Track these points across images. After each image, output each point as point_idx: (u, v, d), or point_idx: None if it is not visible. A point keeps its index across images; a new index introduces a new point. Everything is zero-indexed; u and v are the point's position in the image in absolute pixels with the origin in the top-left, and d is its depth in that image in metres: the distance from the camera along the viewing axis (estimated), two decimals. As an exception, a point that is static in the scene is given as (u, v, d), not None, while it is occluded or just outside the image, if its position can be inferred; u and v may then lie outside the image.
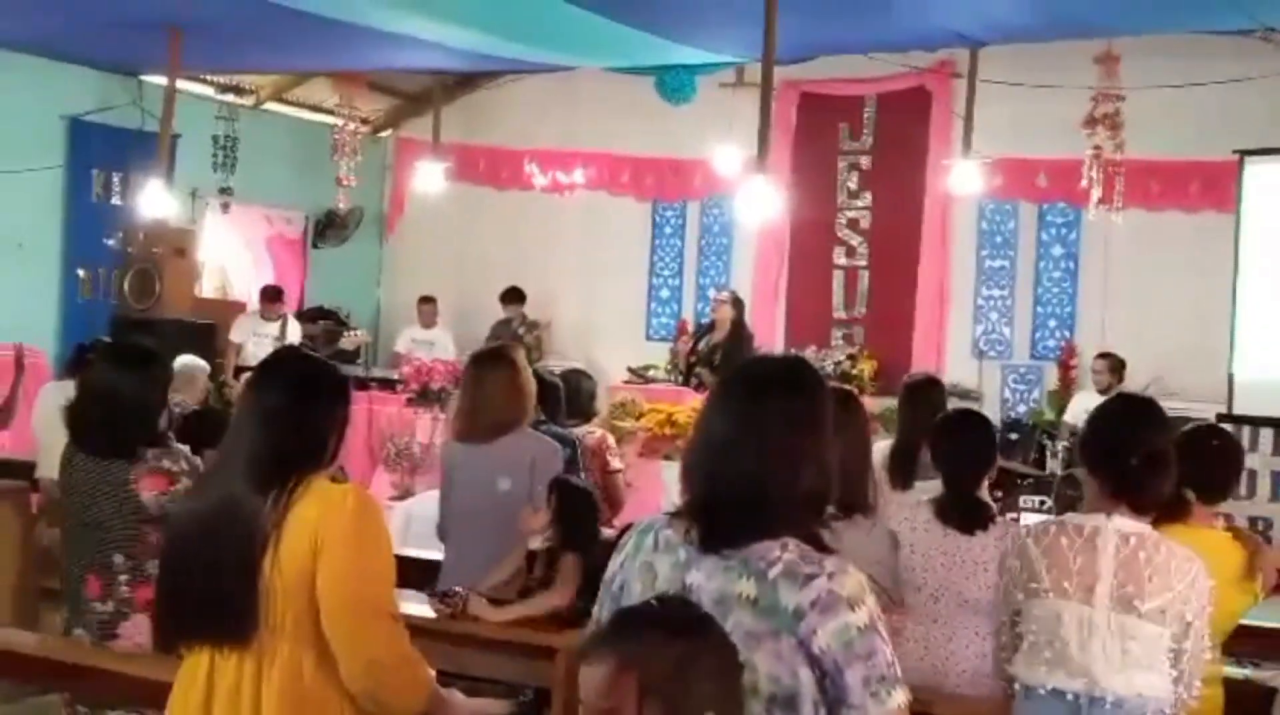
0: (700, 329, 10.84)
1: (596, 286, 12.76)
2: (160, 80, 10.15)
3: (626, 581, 2.31)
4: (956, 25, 8.59)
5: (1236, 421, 9.49)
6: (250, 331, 10.69)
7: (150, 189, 9.59)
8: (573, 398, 6.07)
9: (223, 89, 12.06)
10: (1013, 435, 10.63)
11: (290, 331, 11.02)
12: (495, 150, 13.16)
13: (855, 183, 11.91)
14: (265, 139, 12.14)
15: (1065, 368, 10.98)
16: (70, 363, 7.13)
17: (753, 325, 11.68)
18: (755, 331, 11.56)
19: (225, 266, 12.41)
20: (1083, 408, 9.77)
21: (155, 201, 9.61)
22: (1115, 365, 9.88)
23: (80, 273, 10.88)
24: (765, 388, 2.30)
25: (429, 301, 12.35)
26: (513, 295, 12.04)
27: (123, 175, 10.97)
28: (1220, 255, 9.86)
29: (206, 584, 2.70)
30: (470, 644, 4.11)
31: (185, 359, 7.57)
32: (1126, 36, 9.31)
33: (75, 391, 3.99)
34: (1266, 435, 9.55)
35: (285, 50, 10.15)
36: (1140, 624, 3.11)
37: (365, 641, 2.69)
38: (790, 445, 2.23)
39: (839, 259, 11.98)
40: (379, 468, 8.99)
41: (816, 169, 11.77)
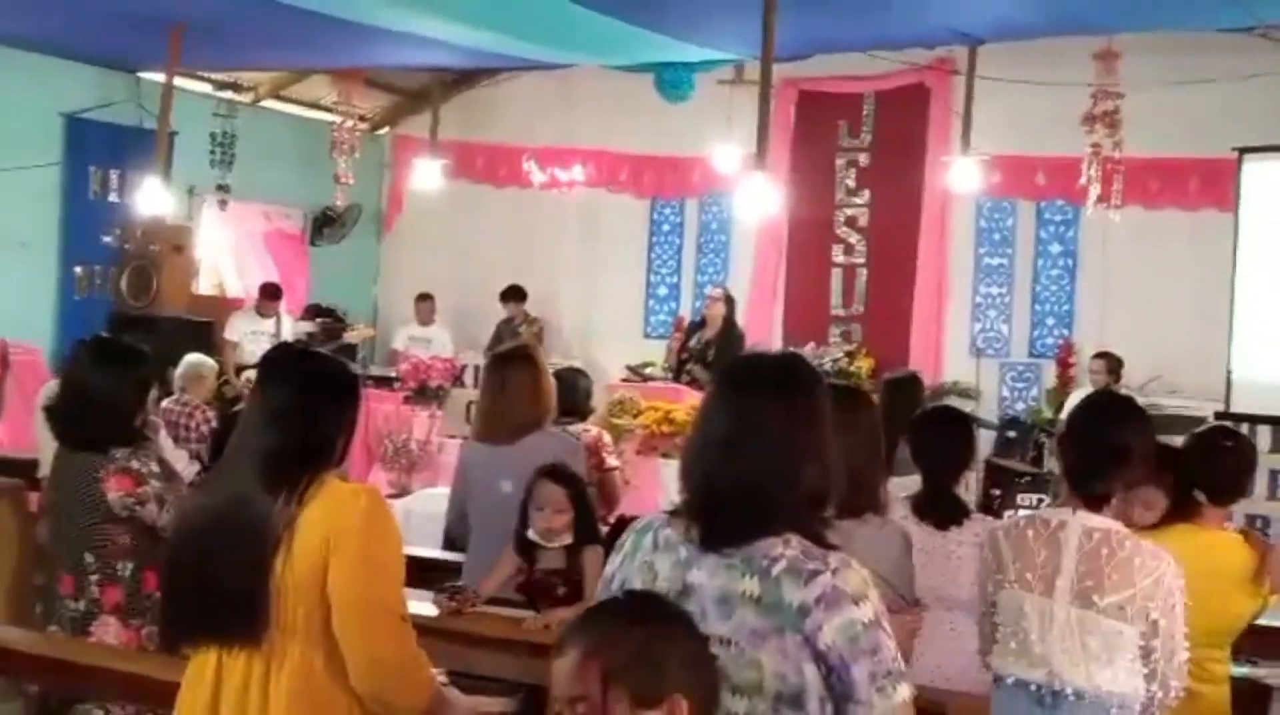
0: (692, 326, 10.84)
1: (595, 284, 12.76)
2: (158, 77, 10.14)
3: (626, 580, 2.31)
4: (955, 22, 8.58)
5: (1235, 419, 9.49)
6: (246, 329, 10.69)
7: (148, 186, 9.57)
8: (569, 396, 6.06)
9: (220, 86, 12.04)
10: (1010, 433, 10.63)
11: (285, 329, 11.00)
12: (493, 147, 13.15)
13: (854, 180, 11.91)
14: (263, 136, 12.12)
15: (1063, 366, 10.98)
16: (68, 361, 7.11)
17: (750, 323, 11.72)
18: (753, 329, 11.60)
19: (223, 264, 12.40)
20: (1081, 406, 9.78)
21: (153, 198, 9.59)
22: (1113, 364, 9.87)
23: (78, 270, 10.86)
24: (763, 385, 2.30)
25: (426, 299, 12.34)
26: (513, 293, 12.02)
27: (120, 172, 10.96)
28: (1219, 253, 9.86)
29: (216, 583, 2.68)
30: (467, 641, 4.10)
31: (193, 358, 7.58)
32: (1125, 34, 9.31)
33: (61, 387, 3.99)
34: (1264, 433, 9.57)
35: (283, 47, 10.14)
36: (1098, 619, 3.12)
37: (375, 641, 2.68)
38: (789, 442, 2.23)
39: (837, 256, 11.97)
40: (376, 465, 8.97)
41: (815, 166, 11.77)
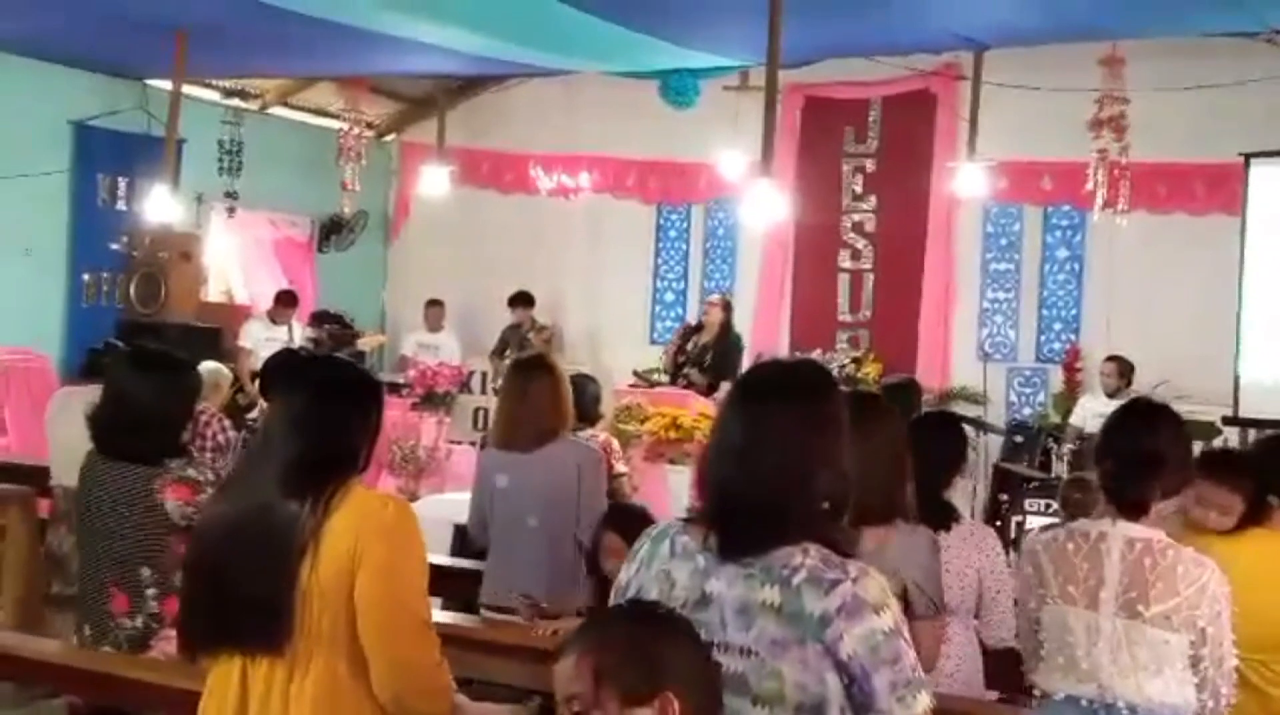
0: (688, 330, 10.84)
1: (601, 290, 12.77)
2: (166, 85, 10.15)
3: (642, 589, 2.29)
4: (961, 28, 8.59)
5: (1242, 424, 9.49)
6: (261, 336, 10.69)
7: (156, 193, 9.59)
8: (578, 402, 6.06)
9: (228, 93, 12.08)
10: (1018, 438, 10.63)
11: (298, 336, 11.03)
12: (500, 154, 13.18)
13: (860, 186, 11.91)
14: (270, 143, 12.15)
15: (1070, 371, 10.97)
16: (84, 367, 7.12)
17: (757, 328, 11.74)
18: (760, 334, 11.63)
19: (231, 271, 12.43)
20: (1089, 411, 9.78)
21: (161, 206, 9.61)
22: (1124, 368, 9.87)
23: (86, 277, 10.89)
24: (780, 392, 2.30)
25: (436, 304, 12.37)
26: (521, 299, 12.03)
27: (128, 180, 10.98)
28: (1226, 257, 9.84)
29: (241, 592, 2.67)
30: (478, 648, 4.11)
31: (209, 365, 7.55)
32: (1131, 39, 9.31)
33: (101, 396, 3.93)
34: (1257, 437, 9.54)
35: (290, 54, 10.17)
36: (1145, 629, 3.10)
37: (401, 649, 2.69)
38: (807, 449, 2.22)
39: (844, 262, 11.97)
40: (383, 472, 8.99)
41: (821, 172, 11.77)
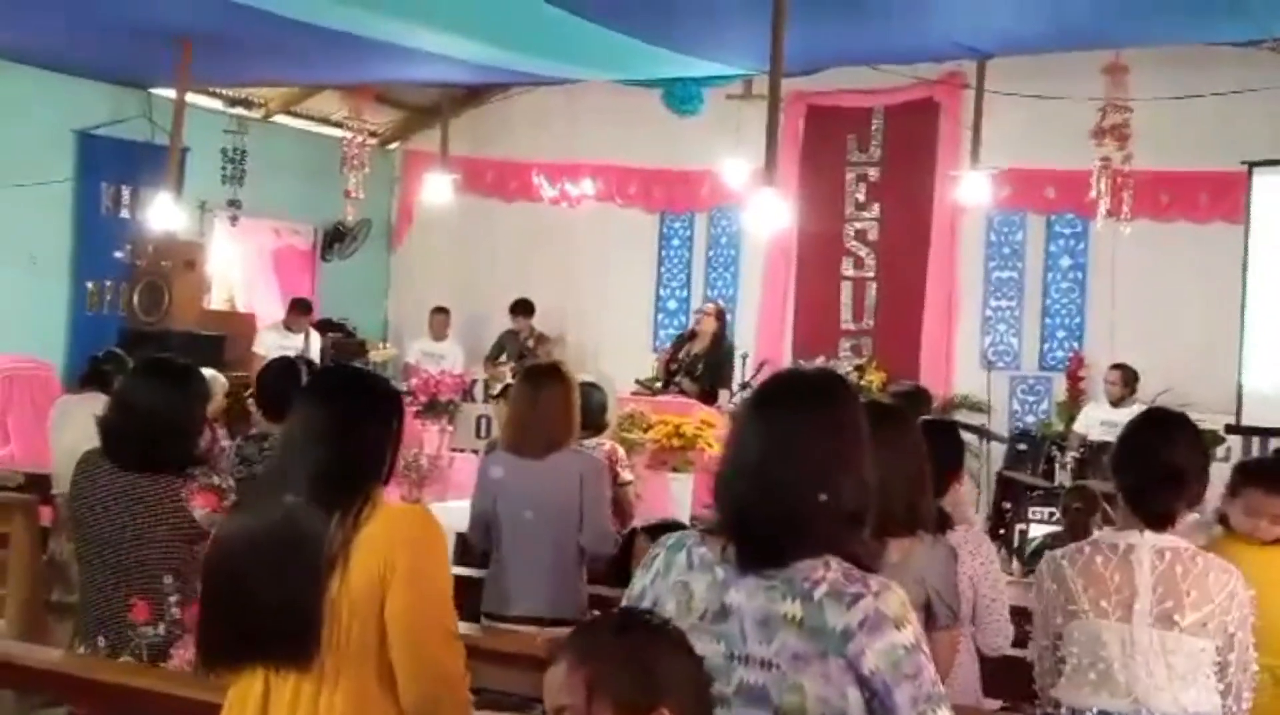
0: (680, 338, 10.82)
1: (604, 298, 12.77)
2: (170, 93, 10.19)
3: (659, 600, 2.27)
4: (964, 37, 8.59)
5: (1245, 432, 9.48)
6: (276, 344, 10.70)
7: (159, 202, 9.62)
8: (584, 410, 6.08)
9: (232, 102, 12.11)
10: (1021, 446, 10.61)
11: (312, 344, 11.04)
12: (503, 162, 13.18)
13: (863, 194, 11.91)
14: (274, 152, 12.17)
15: (1074, 379, 10.95)
16: (86, 375, 7.12)
17: (760, 336, 11.73)
18: (764, 342, 11.63)
19: (234, 279, 12.45)
20: (1093, 419, 9.77)
21: (164, 214, 9.63)
22: (1128, 377, 9.85)
23: (89, 285, 10.90)
24: (799, 402, 2.28)
25: (441, 312, 12.38)
26: (522, 307, 12.06)
27: (132, 188, 11.00)
28: (1229, 266, 9.84)
29: (268, 604, 2.63)
30: (480, 657, 4.10)
31: (208, 373, 7.56)
32: (1134, 47, 9.31)
33: (111, 404, 3.93)
34: (1276, 446, 9.53)
35: (294, 63, 10.19)
36: (1181, 639, 3.09)
37: (433, 663, 2.68)
38: (827, 460, 2.20)
39: (847, 270, 11.97)
40: (387, 480, 8.99)
41: (824, 180, 11.76)
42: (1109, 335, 10.78)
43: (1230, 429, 9.52)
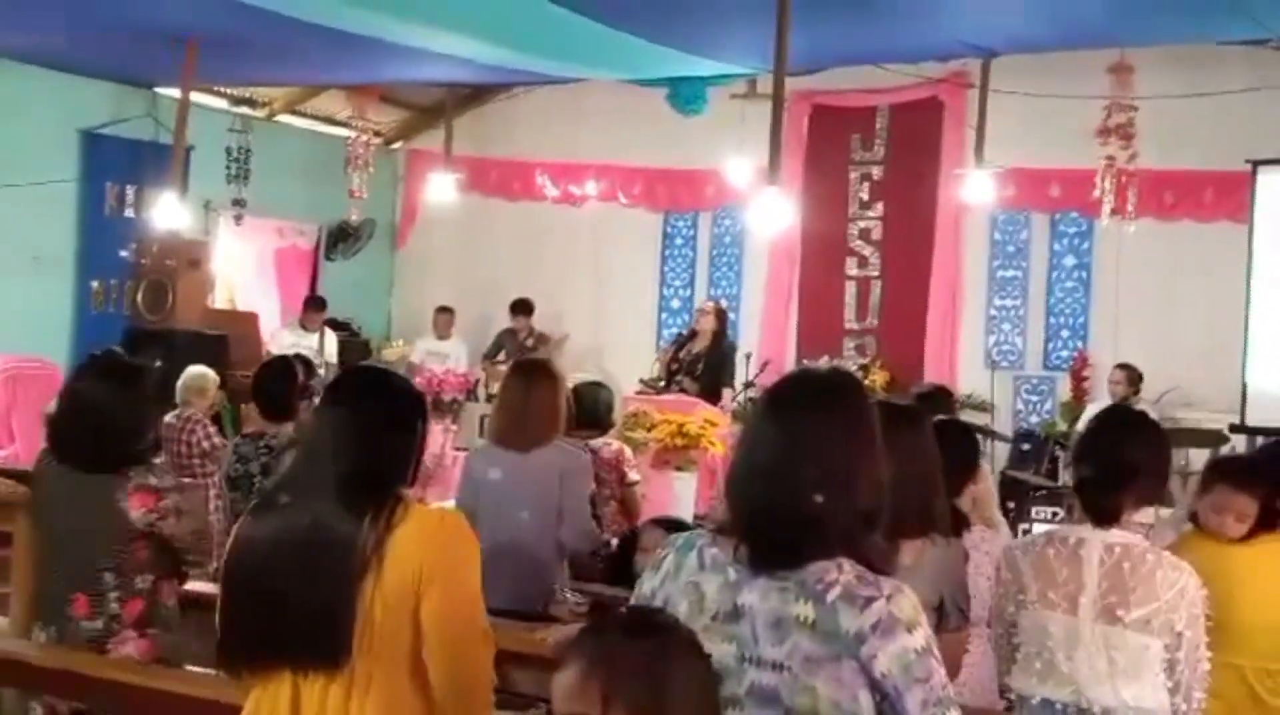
0: (680, 337, 10.82)
1: (608, 297, 12.78)
2: (174, 93, 10.19)
3: (669, 600, 2.26)
4: (969, 35, 8.58)
5: (1250, 431, 9.47)
6: (291, 343, 10.71)
7: (164, 201, 9.60)
8: (591, 409, 6.10)
9: (236, 101, 12.11)
10: (1025, 446, 10.61)
11: (328, 343, 11.03)
12: (507, 162, 13.19)
13: (867, 193, 11.91)
14: (278, 151, 12.18)
15: (1078, 378, 10.95)
16: None
17: (764, 336, 11.73)
18: (768, 342, 11.63)
19: (238, 278, 12.45)
20: (1096, 419, 9.75)
21: (169, 213, 9.62)
22: (1133, 377, 9.86)
23: (94, 284, 10.90)
24: (811, 403, 2.27)
25: (445, 311, 12.39)
26: (521, 306, 12.08)
27: (136, 188, 11.00)
28: (1233, 265, 9.84)
29: (297, 608, 2.60)
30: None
31: (195, 369, 7.54)
32: (1139, 46, 9.31)
33: (58, 402, 3.94)
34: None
35: (298, 63, 10.19)
36: (1125, 634, 3.12)
37: (468, 661, 2.68)
38: (839, 461, 2.20)
39: (851, 269, 11.97)
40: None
41: (828, 179, 11.77)
42: (1113, 334, 10.77)
43: (1235, 428, 9.52)
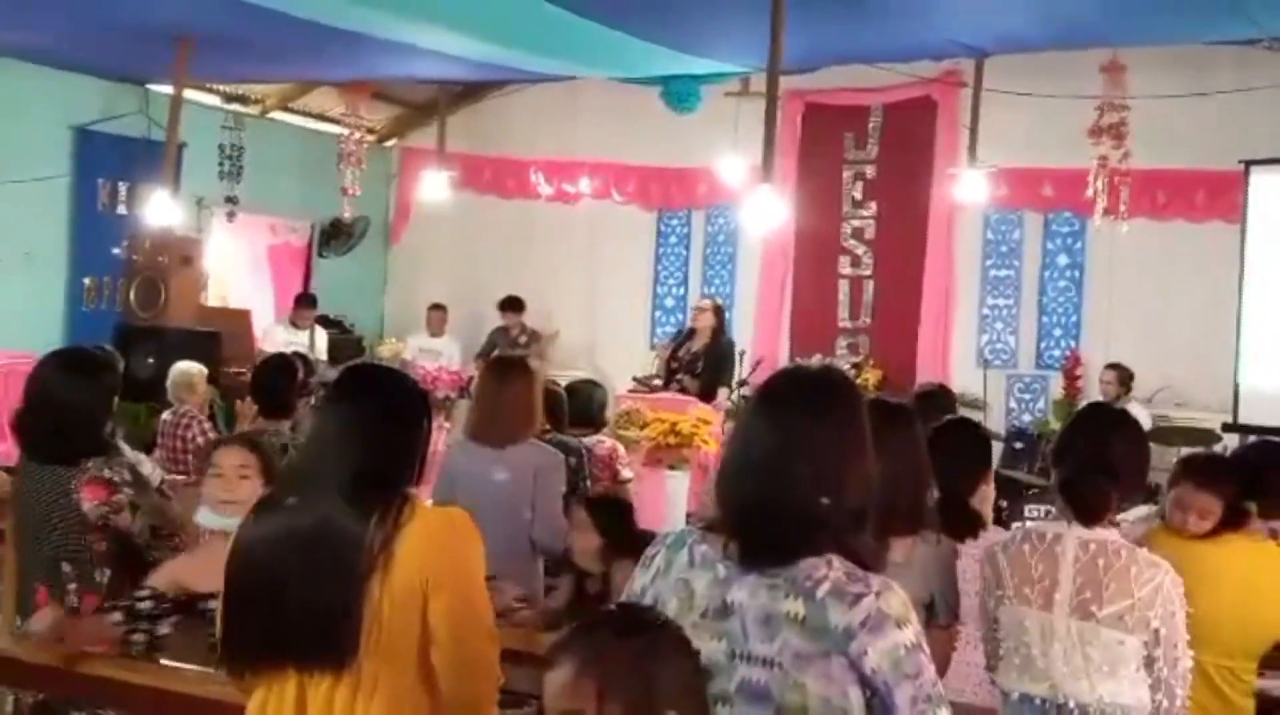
0: (680, 335, 10.82)
1: (601, 295, 12.77)
2: (167, 90, 10.17)
3: (659, 597, 2.27)
4: (962, 35, 8.59)
5: (1242, 431, 9.49)
6: (284, 340, 10.70)
7: (156, 198, 9.59)
8: (585, 407, 6.11)
9: (229, 98, 12.09)
10: (1017, 445, 10.62)
11: (318, 340, 11.02)
12: (500, 159, 13.18)
13: (860, 192, 11.92)
14: (271, 148, 12.16)
15: (1070, 377, 10.96)
16: None
17: (757, 334, 11.72)
18: (761, 340, 11.62)
19: (231, 275, 12.43)
20: (1088, 417, 9.77)
21: (161, 210, 9.61)
22: (1124, 376, 9.89)
23: (86, 281, 10.88)
24: (803, 401, 2.27)
25: (439, 309, 12.38)
26: (511, 303, 12.08)
27: (129, 184, 10.98)
28: (1226, 265, 9.86)
29: (303, 608, 2.58)
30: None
31: (181, 366, 7.52)
32: (1132, 46, 9.32)
33: (24, 399, 3.96)
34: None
35: (292, 60, 10.18)
36: (1099, 630, 3.14)
37: (476, 661, 2.68)
38: (830, 458, 2.20)
39: (844, 268, 11.97)
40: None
41: (821, 178, 11.77)
42: (1105, 334, 10.79)
43: (1227, 427, 9.54)
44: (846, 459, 2.21)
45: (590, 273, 12.80)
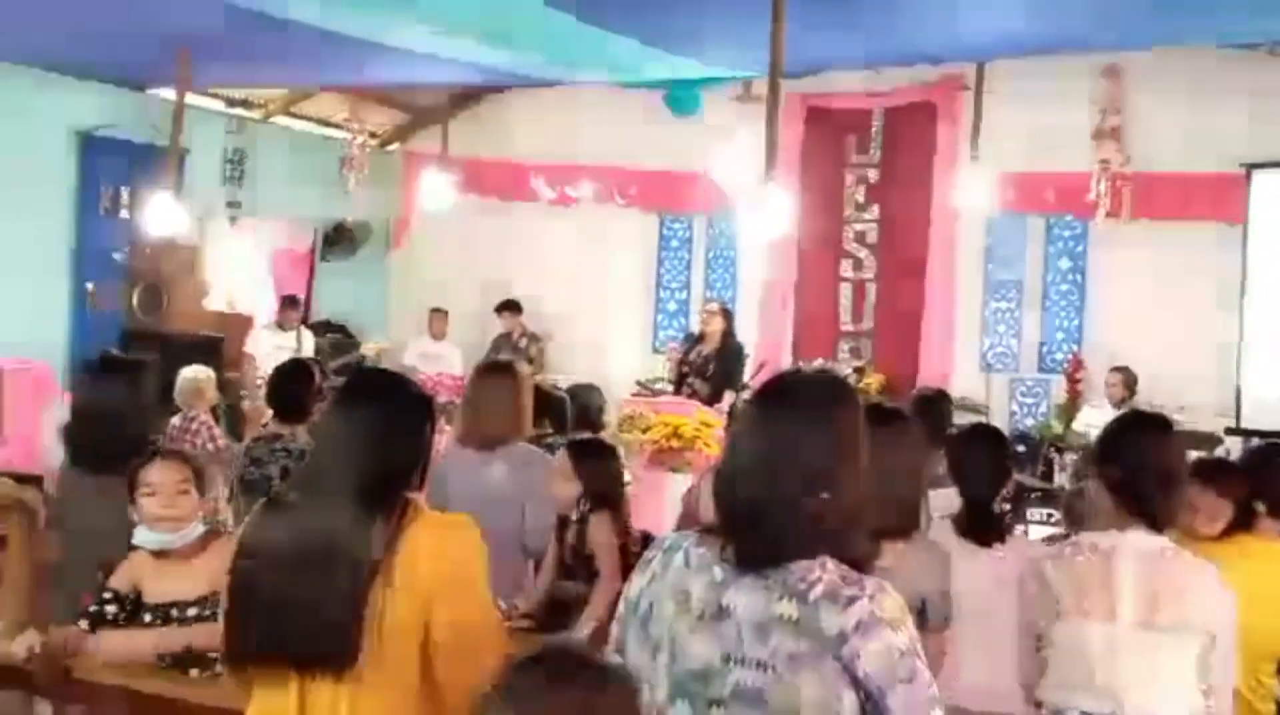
0: (690, 340, 10.83)
1: (604, 299, 12.79)
2: (170, 95, 10.18)
3: (656, 601, 2.27)
4: (963, 39, 8.59)
5: (1245, 435, 9.49)
6: (270, 343, 10.71)
7: (159, 203, 9.60)
8: (583, 411, 6.13)
9: (232, 103, 12.10)
10: (1020, 448, 10.60)
11: (305, 342, 11.03)
12: (503, 163, 13.19)
13: (862, 196, 11.92)
14: (274, 153, 12.18)
15: (1073, 381, 10.96)
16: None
17: (760, 338, 11.72)
18: (763, 344, 11.61)
19: (234, 280, 12.45)
20: (1091, 421, 9.77)
21: (164, 216, 9.60)
22: (1129, 379, 9.88)
23: (90, 286, 10.90)
24: (798, 404, 2.28)
25: (440, 313, 12.39)
26: (508, 306, 12.09)
27: (132, 189, 10.98)
28: (1228, 268, 9.86)
29: (306, 610, 2.57)
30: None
31: (189, 371, 7.53)
32: (1133, 50, 9.32)
33: (71, 409, 3.97)
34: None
35: (294, 65, 10.18)
36: (1163, 638, 3.09)
37: (481, 671, 2.59)
38: (825, 462, 2.21)
39: (846, 272, 11.98)
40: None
41: (823, 182, 11.77)
42: (1108, 337, 10.79)
43: (1230, 431, 9.53)
44: (840, 462, 2.22)
45: (592, 277, 12.80)
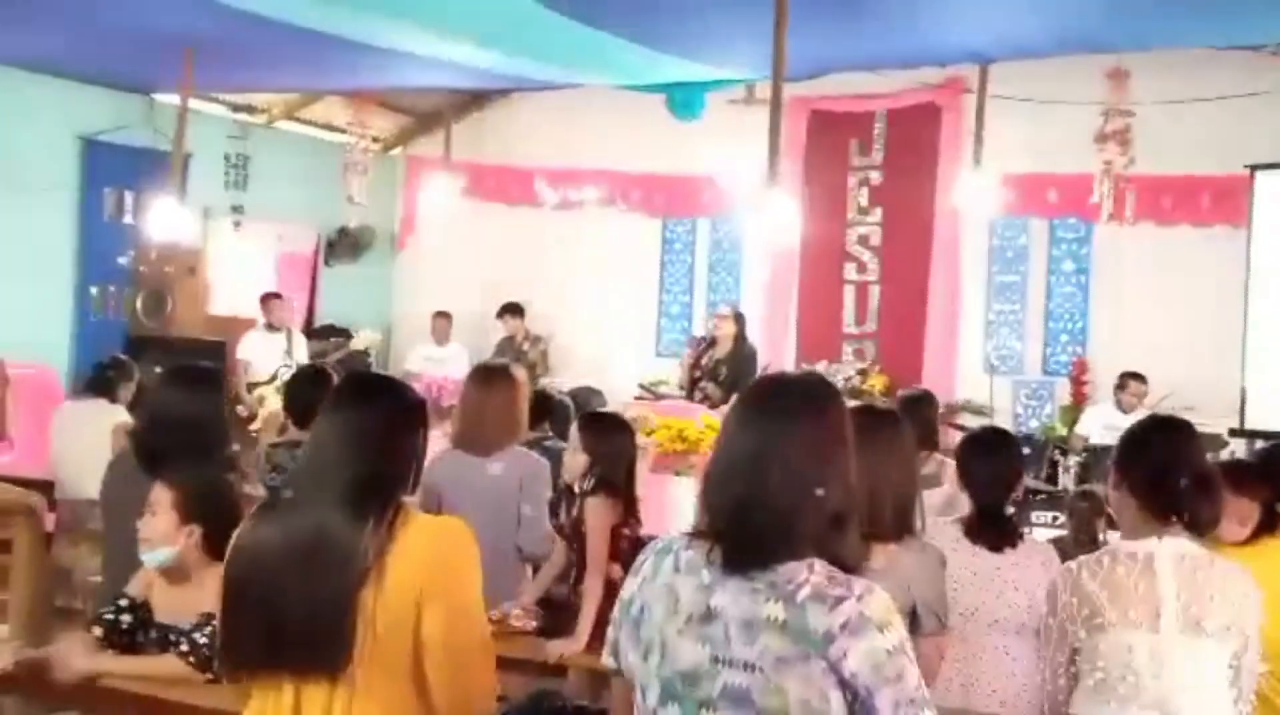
0: (701, 343, 10.82)
1: (607, 303, 12.79)
2: (173, 99, 10.20)
3: (647, 605, 2.29)
4: (966, 41, 8.59)
5: (1249, 436, 9.47)
6: (261, 346, 10.71)
7: (163, 207, 9.62)
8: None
9: (235, 108, 12.13)
10: (1025, 451, 10.57)
11: (296, 343, 11.04)
12: (505, 167, 13.20)
13: (865, 198, 11.92)
14: (277, 157, 12.19)
15: (1077, 383, 10.95)
16: (90, 381, 7.14)
17: (763, 341, 11.70)
18: (767, 347, 11.58)
19: (237, 284, 12.46)
20: (1097, 423, 9.77)
21: (167, 220, 9.62)
22: (1139, 381, 9.85)
23: (93, 291, 10.91)
24: (785, 406, 2.29)
25: (444, 317, 12.39)
26: (510, 309, 12.08)
27: (135, 194, 11.00)
28: (1232, 269, 9.84)
29: (300, 614, 2.56)
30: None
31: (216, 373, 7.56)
32: (1136, 51, 9.32)
33: (142, 418, 3.98)
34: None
35: (297, 70, 10.19)
36: (1207, 644, 3.06)
37: (471, 676, 2.66)
38: (812, 463, 2.21)
39: (850, 274, 11.98)
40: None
41: (827, 185, 11.77)
42: (1112, 339, 10.78)
43: (1234, 432, 9.51)
44: (826, 463, 2.22)
45: (596, 280, 12.81)
